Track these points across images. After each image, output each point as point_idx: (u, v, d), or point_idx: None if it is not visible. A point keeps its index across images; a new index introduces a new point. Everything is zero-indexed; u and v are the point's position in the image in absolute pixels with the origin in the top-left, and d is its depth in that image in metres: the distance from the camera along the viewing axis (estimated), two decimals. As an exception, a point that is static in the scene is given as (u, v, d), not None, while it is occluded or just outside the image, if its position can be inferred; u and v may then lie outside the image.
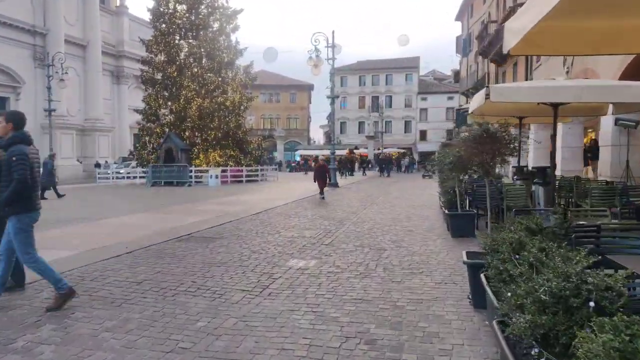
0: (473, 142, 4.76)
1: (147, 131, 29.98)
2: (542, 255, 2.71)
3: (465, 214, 9.22)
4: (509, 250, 3.24)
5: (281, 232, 9.78)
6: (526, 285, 2.26)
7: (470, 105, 11.23)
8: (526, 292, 2.24)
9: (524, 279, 2.49)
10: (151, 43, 29.95)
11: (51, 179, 18.32)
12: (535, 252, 2.77)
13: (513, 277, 2.81)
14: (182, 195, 19.28)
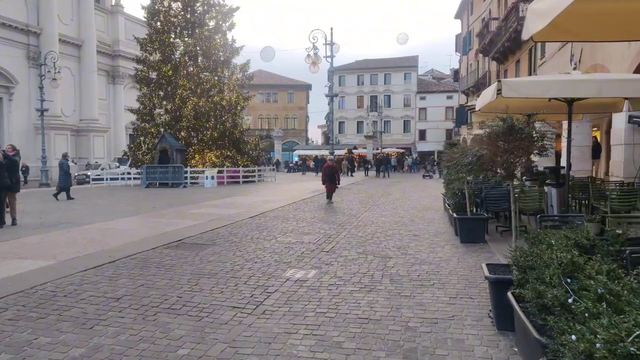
0: (497, 140, 4.13)
1: (141, 131, 29.32)
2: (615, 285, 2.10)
3: (475, 218, 8.61)
4: (558, 273, 2.63)
5: (278, 238, 9.16)
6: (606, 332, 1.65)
7: (478, 102, 10.63)
8: (605, 340, 1.64)
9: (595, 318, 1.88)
10: (146, 41, 29.30)
11: (68, 179, 18.14)
12: (605, 281, 2.15)
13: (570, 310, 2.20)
14: (176, 197, 18.64)
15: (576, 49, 16.43)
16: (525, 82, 8.14)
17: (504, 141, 4.13)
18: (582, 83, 8.03)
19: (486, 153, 4.20)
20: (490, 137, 4.22)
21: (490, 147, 4.21)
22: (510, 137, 4.10)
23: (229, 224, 10.92)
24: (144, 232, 9.53)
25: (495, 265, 4.72)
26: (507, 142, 4.10)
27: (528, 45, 24.83)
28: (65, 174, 17.80)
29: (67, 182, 17.82)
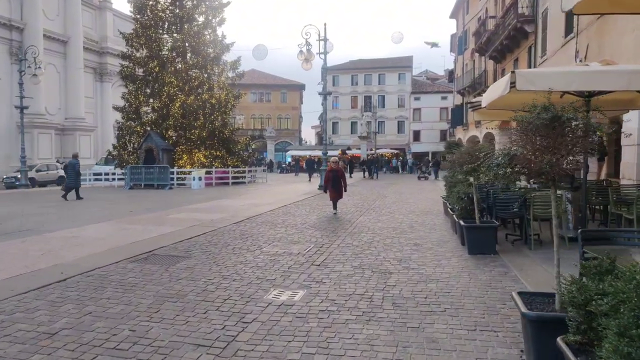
0: (536, 135, 3.15)
1: (127, 130, 28.16)
2: None
3: (484, 227, 7.63)
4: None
5: (263, 248, 8.14)
6: None
7: (485, 98, 9.68)
8: None
9: None
10: (132, 37, 28.17)
11: (78, 180, 18.17)
12: None
13: None
14: (159, 200, 17.55)
15: (582, 44, 15.56)
16: (543, 74, 7.20)
17: (545, 136, 3.14)
18: (609, 74, 7.10)
19: (521, 152, 3.18)
20: (526, 131, 3.22)
21: (527, 144, 3.21)
22: (554, 130, 3.11)
23: (210, 231, 9.88)
24: (112, 242, 8.46)
25: (530, 295, 3.73)
26: (551, 138, 3.11)
27: (527, 43, 23.98)
28: (76, 174, 17.89)
29: (77, 182, 17.92)
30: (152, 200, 17.35)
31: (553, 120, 3.14)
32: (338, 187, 13.03)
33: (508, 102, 10.16)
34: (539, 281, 5.81)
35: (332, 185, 12.94)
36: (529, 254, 7.43)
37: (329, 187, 13.03)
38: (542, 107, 3.19)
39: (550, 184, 3.36)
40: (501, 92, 7.59)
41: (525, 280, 5.90)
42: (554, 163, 3.15)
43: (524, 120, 3.34)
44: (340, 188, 13.05)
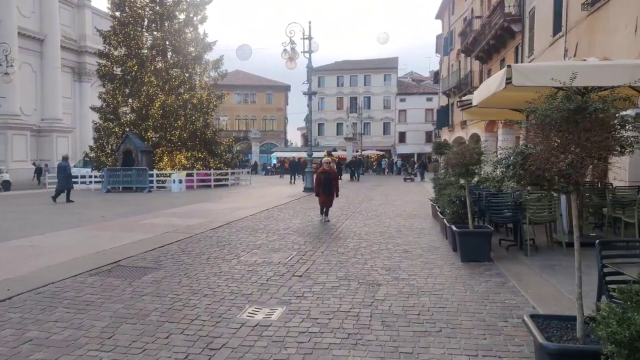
0: (556, 131, 2.60)
1: (104, 131, 27.22)
2: None
3: (479, 233, 7.10)
4: None
5: (241, 257, 7.52)
6: None
7: (476, 95, 9.19)
8: None
9: None
10: (109, 34, 27.26)
11: (69, 182, 18.08)
12: None
13: None
14: (135, 204, 16.79)
15: (571, 43, 15.22)
16: (541, 68, 6.70)
17: (566, 131, 2.59)
18: (613, 69, 6.64)
19: (538, 150, 2.63)
20: (544, 125, 2.67)
21: (546, 140, 2.66)
22: (578, 124, 2.56)
23: (185, 238, 9.22)
24: (74, 252, 7.75)
25: (544, 318, 3.18)
26: (574, 134, 2.56)
27: (514, 43, 23.69)
28: (67, 177, 17.81)
29: (67, 184, 17.80)
30: (128, 204, 16.58)
31: (577, 112, 2.59)
32: (330, 192, 11.75)
33: (501, 100, 9.69)
34: (541, 293, 5.30)
35: (323, 189, 11.62)
36: (525, 261, 6.93)
37: (320, 191, 11.69)
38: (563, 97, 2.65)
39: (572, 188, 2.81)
40: (495, 89, 7.09)
41: (525, 291, 5.37)
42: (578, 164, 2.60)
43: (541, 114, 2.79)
44: (332, 192, 11.80)
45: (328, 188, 11.68)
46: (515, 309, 4.79)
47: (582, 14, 13.67)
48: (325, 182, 11.62)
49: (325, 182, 11.62)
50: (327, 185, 11.65)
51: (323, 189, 11.62)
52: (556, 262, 6.72)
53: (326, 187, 11.63)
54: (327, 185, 11.65)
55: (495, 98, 8.76)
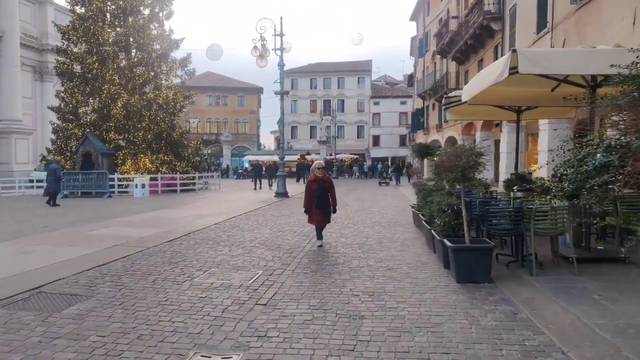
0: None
1: (63, 132, 25.42)
2: None
3: (478, 249, 6.03)
4: None
5: (195, 278, 6.29)
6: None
7: (467, 90, 8.20)
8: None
9: None
10: (68, 29, 25.51)
11: (58, 185, 17.92)
12: None
13: None
14: (90, 211, 15.28)
15: (558, 39, 14.47)
16: (552, 54, 5.73)
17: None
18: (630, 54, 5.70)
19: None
20: None
21: None
22: None
23: (134, 253, 7.92)
24: (-10, 273, 6.39)
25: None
26: None
27: (493, 42, 23.05)
28: (57, 180, 17.59)
29: (56, 187, 17.57)
30: (81, 212, 15.07)
31: None
32: (326, 206, 8.81)
33: (493, 95, 8.74)
34: (566, 329, 4.25)
35: (317, 203, 8.70)
36: (531, 281, 5.91)
37: (312, 206, 8.76)
38: None
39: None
40: (495, 79, 6.06)
41: (545, 327, 4.32)
42: None
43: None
44: (328, 207, 8.87)
45: (324, 201, 8.75)
46: (540, 355, 3.72)
47: (570, 7, 12.91)
48: (321, 195, 8.69)
49: (321, 195, 8.69)
50: (323, 198, 8.73)
51: (317, 203, 8.69)
52: (569, 283, 5.71)
53: (322, 201, 8.71)
54: (323, 198, 8.73)
55: (487, 94, 7.82)
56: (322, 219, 8.87)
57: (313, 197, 8.76)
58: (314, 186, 8.78)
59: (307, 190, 8.86)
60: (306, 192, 8.88)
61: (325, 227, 9.23)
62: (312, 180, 8.94)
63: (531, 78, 6.98)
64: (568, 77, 7.04)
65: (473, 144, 6.34)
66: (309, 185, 8.95)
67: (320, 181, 8.78)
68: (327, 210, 8.86)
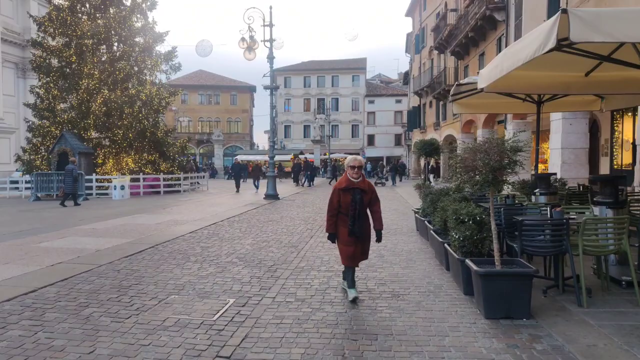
0: None
1: (38, 130, 23.81)
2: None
3: (514, 275, 4.60)
4: None
5: (145, 311, 4.84)
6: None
7: (485, 75, 6.78)
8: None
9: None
10: (44, 20, 23.92)
11: (76, 185, 17.93)
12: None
13: None
14: (54, 216, 13.76)
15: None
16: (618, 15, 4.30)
17: None
18: None
19: None
20: None
21: None
22: None
23: (81, 273, 6.44)
24: None
25: None
26: None
27: (496, 34, 21.72)
28: (74, 180, 17.56)
29: (74, 188, 17.59)
30: (44, 217, 13.54)
31: None
32: (365, 232, 5.34)
33: (512, 81, 7.36)
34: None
35: (351, 228, 5.16)
36: (583, 316, 4.51)
37: (341, 226, 5.28)
38: None
39: None
40: (533, 54, 4.62)
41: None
42: None
43: None
44: (368, 232, 5.43)
45: (362, 224, 5.22)
46: None
47: (589, -10, 11.56)
48: (357, 213, 5.14)
49: (357, 213, 5.14)
50: (361, 219, 5.20)
51: (351, 227, 5.13)
52: (635, 319, 4.32)
53: (359, 223, 5.17)
54: (361, 219, 5.20)
55: (508, 79, 6.42)
56: (356, 254, 5.30)
57: (343, 218, 5.20)
58: (346, 198, 5.13)
59: (332, 204, 5.22)
60: (330, 207, 5.25)
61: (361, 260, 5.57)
62: (342, 188, 5.17)
63: (563, 58, 5.63)
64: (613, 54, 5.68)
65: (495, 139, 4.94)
66: (335, 196, 5.21)
67: (356, 190, 5.11)
68: (366, 239, 5.37)
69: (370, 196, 5.28)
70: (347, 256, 5.31)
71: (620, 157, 14.56)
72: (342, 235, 5.26)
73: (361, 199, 5.14)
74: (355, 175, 5.19)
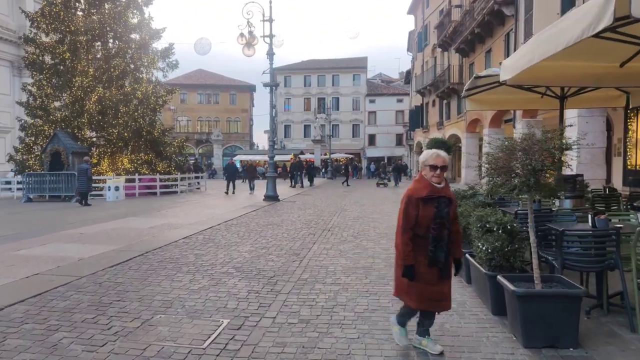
0: None
1: (31, 130, 23.11)
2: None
3: (559, 296, 3.90)
4: None
5: (123, 335, 4.13)
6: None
7: (511, 64, 6.08)
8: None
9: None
10: (37, 16, 23.22)
11: (89, 184, 17.89)
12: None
13: None
14: (41, 220, 13.07)
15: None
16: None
17: None
18: None
19: None
20: None
21: None
22: None
23: (57, 287, 5.73)
24: None
25: None
26: None
27: (503, 30, 21.00)
28: (88, 179, 17.58)
29: (88, 187, 17.63)
30: (31, 220, 12.85)
31: None
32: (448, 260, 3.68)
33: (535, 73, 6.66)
34: None
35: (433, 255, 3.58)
36: (638, 343, 3.81)
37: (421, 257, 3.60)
38: None
39: None
40: (581, 33, 3.91)
41: None
42: None
43: None
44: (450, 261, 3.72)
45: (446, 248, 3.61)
46: None
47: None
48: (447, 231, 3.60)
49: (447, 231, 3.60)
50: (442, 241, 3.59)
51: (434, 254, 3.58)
52: None
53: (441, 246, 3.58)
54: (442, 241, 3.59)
55: (533, 71, 5.73)
56: (442, 294, 3.72)
57: (417, 241, 3.61)
58: (427, 211, 3.58)
59: (409, 219, 3.59)
60: (405, 224, 3.60)
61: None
62: (423, 197, 3.59)
63: (598, 45, 4.96)
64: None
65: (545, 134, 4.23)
66: (413, 208, 3.60)
67: (442, 200, 3.61)
68: (449, 272, 3.73)
69: (455, 208, 3.78)
70: (425, 297, 3.62)
71: (635, 157, 13.88)
72: (418, 267, 3.59)
73: (448, 213, 3.60)
74: (437, 179, 3.65)
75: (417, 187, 3.68)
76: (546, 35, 4.80)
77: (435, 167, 3.64)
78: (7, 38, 40.53)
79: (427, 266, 3.59)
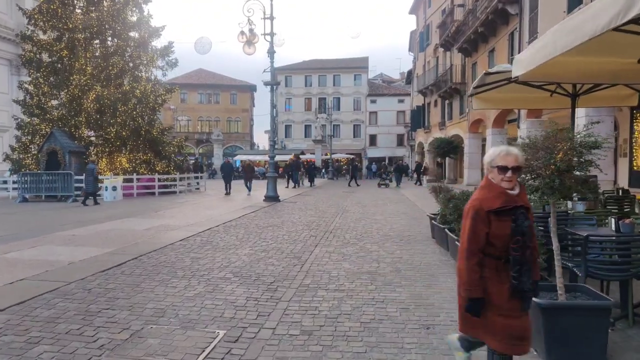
0: None
1: (28, 128, 22.78)
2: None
3: (585, 309, 3.56)
4: None
5: (114, 347, 3.79)
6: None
7: (525, 58, 5.75)
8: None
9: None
10: (34, 13, 22.91)
11: (96, 185, 17.85)
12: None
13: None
14: (32, 220, 12.73)
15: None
16: None
17: None
18: None
19: None
20: None
21: None
22: None
23: (43, 294, 5.39)
24: None
25: None
26: None
27: (507, 29, 20.67)
28: (95, 179, 17.56)
29: (95, 187, 17.57)
30: (24, 221, 12.52)
31: None
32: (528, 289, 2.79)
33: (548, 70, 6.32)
34: None
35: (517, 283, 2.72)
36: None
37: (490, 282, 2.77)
38: None
39: None
40: (609, 22, 3.57)
41: None
42: None
43: None
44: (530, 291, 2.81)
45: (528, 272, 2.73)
46: None
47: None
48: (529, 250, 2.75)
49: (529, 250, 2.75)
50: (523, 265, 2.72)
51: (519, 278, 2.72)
52: None
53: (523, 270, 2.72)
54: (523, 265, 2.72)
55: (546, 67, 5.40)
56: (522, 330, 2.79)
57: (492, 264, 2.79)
58: (502, 227, 2.74)
59: (477, 239, 2.76)
60: (471, 245, 2.77)
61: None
62: (495, 210, 2.74)
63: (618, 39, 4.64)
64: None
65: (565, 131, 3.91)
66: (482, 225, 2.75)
67: (520, 212, 2.75)
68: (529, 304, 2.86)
69: (532, 219, 2.94)
70: (508, 334, 2.74)
71: (641, 158, 13.56)
72: (496, 297, 2.77)
73: (529, 227, 2.79)
74: (508, 184, 2.80)
75: (487, 197, 2.79)
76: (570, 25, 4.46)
77: (505, 168, 2.78)
78: (5, 36, 40.15)
79: (507, 296, 2.73)
